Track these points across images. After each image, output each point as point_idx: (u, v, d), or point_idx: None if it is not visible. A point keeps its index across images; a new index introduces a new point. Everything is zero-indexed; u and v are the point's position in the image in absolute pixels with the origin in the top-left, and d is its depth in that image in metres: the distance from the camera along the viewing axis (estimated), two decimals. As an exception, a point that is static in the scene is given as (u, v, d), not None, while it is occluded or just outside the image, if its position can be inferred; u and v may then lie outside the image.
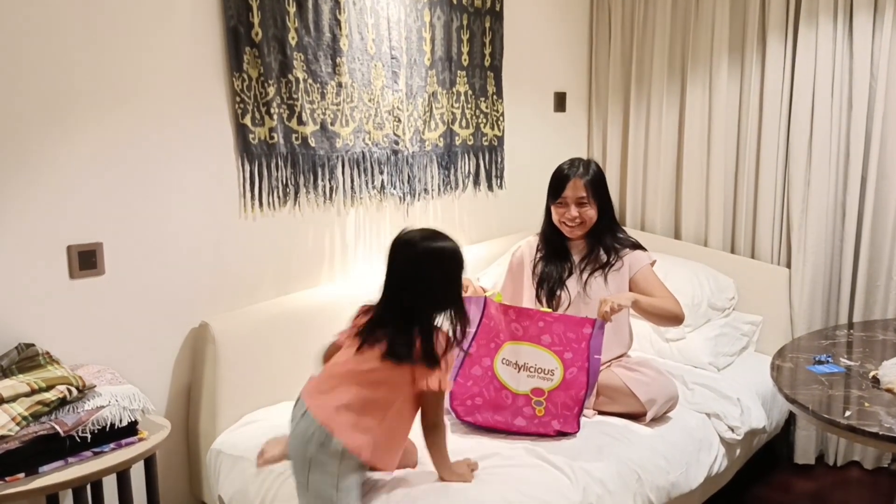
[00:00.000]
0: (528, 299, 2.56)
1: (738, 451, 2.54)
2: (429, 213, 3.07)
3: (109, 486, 2.03)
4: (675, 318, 2.40)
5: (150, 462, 1.98)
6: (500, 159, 3.32)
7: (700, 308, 3.05)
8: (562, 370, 2.18)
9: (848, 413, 1.96)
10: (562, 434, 2.18)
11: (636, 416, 2.33)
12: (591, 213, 2.49)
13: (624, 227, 2.72)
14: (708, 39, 3.31)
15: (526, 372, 2.19)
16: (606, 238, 2.52)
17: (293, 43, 2.45)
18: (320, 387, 1.84)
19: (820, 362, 2.33)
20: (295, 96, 2.47)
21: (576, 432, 2.19)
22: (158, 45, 2.19)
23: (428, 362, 1.78)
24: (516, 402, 2.18)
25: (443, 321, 1.85)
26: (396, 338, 1.78)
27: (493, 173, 3.31)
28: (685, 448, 2.28)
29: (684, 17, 3.39)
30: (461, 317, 1.85)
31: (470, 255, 2.66)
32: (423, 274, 1.82)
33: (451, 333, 1.83)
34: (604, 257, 2.50)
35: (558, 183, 2.50)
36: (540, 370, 2.19)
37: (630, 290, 2.46)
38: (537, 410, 2.17)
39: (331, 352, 1.96)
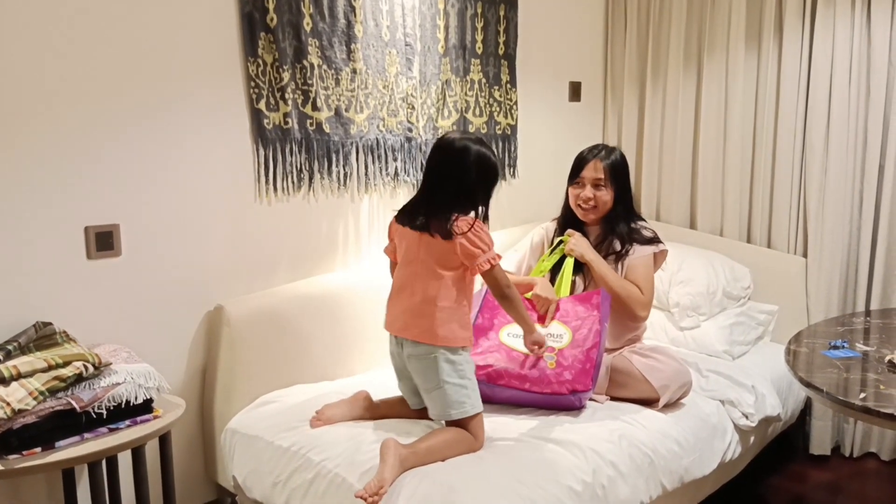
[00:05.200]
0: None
1: (752, 439, 2.53)
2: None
3: (125, 463, 2.06)
4: (628, 304, 2.42)
5: (164, 440, 2.01)
6: (513, 148, 3.32)
7: (715, 297, 3.03)
8: (570, 333, 2.26)
9: (863, 395, 1.94)
10: (575, 393, 2.17)
11: (649, 403, 2.32)
12: (606, 197, 2.49)
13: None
14: (724, 27, 3.29)
15: None
16: (621, 226, 2.52)
17: (308, 29, 2.47)
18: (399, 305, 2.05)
19: (836, 347, 2.31)
20: (310, 82, 2.49)
21: (589, 389, 2.18)
22: (174, 29, 2.21)
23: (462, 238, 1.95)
24: (528, 359, 2.22)
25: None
26: (437, 219, 1.96)
27: (507, 162, 3.30)
28: (699, 434, 2.27)
29: (700, 5, 3.37)
30: (486, 217, 2.03)
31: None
32: (462, 171, 1.97)
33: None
34: (617, 245, 2.50)
35: (578, 163, 2.55)
36: (549, 335, 2.25)
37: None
38: (549, 364, 2.21)
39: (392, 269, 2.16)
